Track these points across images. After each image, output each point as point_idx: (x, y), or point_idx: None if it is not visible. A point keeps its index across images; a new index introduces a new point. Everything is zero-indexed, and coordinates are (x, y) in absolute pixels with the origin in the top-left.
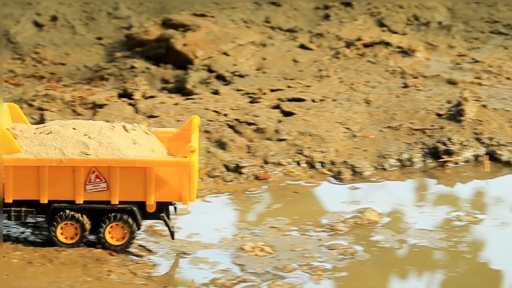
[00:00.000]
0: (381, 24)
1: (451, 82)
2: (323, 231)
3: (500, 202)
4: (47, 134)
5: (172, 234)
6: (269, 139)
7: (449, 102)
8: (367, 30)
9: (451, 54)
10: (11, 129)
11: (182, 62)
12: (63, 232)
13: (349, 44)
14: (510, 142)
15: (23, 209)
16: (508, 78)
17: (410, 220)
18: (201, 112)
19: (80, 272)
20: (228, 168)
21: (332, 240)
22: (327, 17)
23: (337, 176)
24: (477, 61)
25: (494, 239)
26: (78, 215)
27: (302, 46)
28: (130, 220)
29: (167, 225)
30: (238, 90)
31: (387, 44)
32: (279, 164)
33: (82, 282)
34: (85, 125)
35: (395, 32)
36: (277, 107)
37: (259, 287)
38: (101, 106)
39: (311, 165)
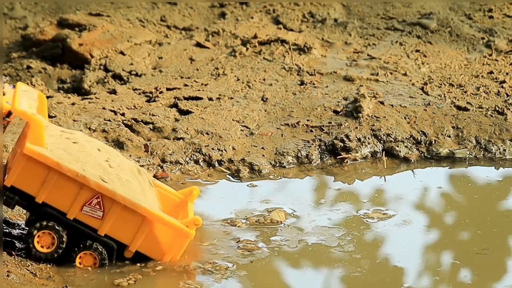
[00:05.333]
0: (277, 21)
1: (348, 79)
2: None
3: (399, 199)
4: (73, 143)
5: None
6: (166, 138)
7: (346, 99)
8: (263, 28)
9: (347, 51)
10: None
11: (79, 62)
12: (40, 240)
13: (245, 42)
14: (407, 138)
15: (16, 198)
16: (404, 74)
17: (309, 217)
18: (98, 112)
19: None
20: None
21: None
22: (223, 15)
23: (235, 174)
24: (373, 58)
25: (394, 236)
26: (60, 228)
27: (198, 45)
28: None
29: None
30: (134, 89)
31: (283, 41)
32: (177, 163)
33: None
34: (108, 150)
35: (291, 30)
36: (174, 105)
37: None
38: None
39: (209, 164)
